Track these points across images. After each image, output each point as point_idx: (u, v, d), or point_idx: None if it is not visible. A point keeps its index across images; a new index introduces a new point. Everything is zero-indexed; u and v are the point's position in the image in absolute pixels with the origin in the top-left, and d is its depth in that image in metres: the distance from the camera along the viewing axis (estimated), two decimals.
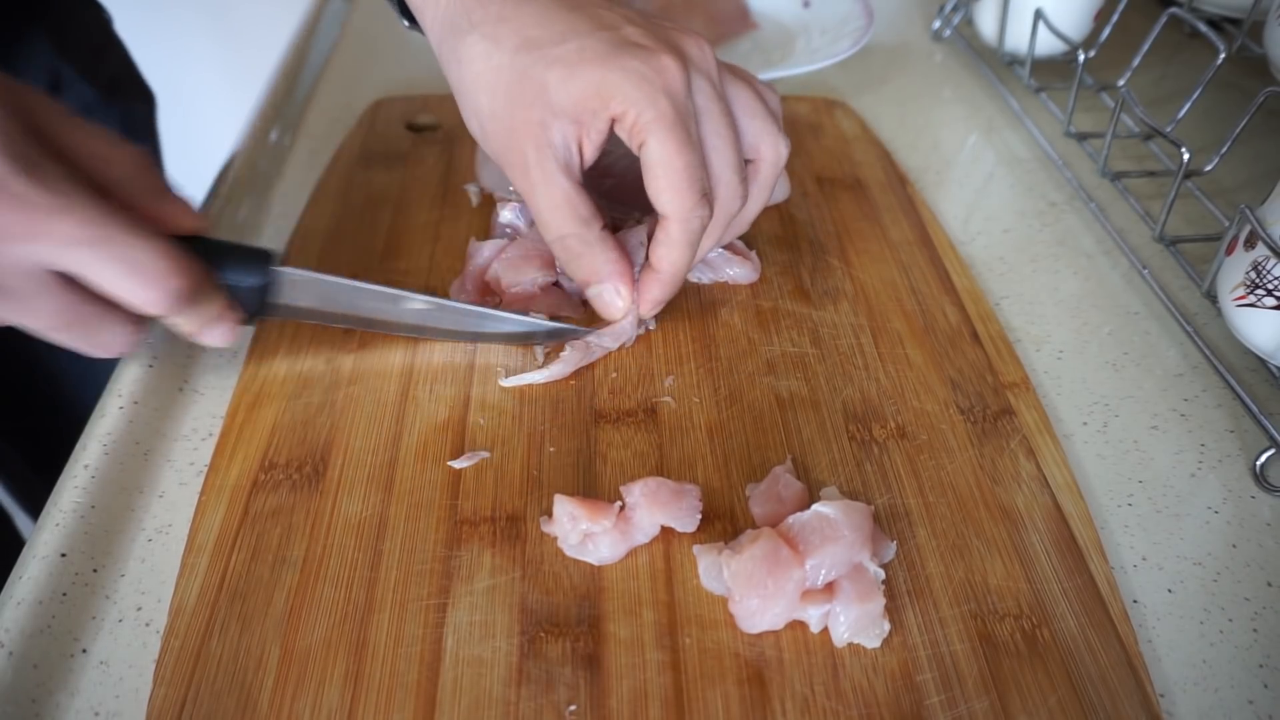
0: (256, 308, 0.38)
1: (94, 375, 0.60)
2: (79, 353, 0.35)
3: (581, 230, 0.40)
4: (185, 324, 0.36)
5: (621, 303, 0.41)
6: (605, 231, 0.41)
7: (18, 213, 0.30)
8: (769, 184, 0.43)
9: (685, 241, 0.39)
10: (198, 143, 0.92)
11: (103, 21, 0.69)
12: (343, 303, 0.40)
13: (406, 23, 0.45)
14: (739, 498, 0.37)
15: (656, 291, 0.41)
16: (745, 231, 0.45)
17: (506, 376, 0.41)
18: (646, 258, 0.41)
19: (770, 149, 0.42)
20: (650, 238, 0.41)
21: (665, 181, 0.37)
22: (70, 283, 0.32)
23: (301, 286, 0.39)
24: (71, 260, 0.31)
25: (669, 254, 0.40)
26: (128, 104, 0.70)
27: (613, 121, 0.37)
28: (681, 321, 0.45)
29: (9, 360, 0.66)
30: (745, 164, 0.41)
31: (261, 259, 0.38)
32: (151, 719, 0.30)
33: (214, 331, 0.37)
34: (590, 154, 0.39)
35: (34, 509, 0.73)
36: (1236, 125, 0.47)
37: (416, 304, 0.41)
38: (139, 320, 0.35)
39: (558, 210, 0.39)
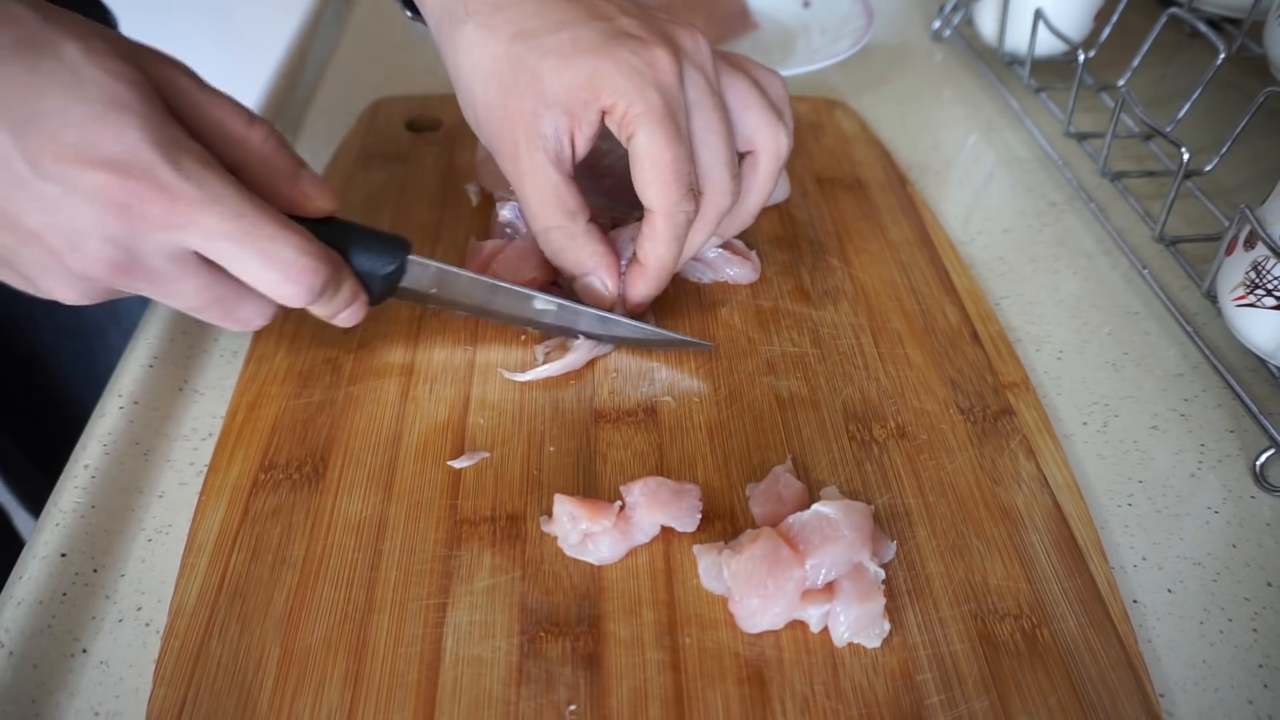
0: (384, 291, 0.39)
1: (95, 374, 0.60)
2: (79, 352, 0.35)
3: (567, 223, 0.40)
4: (318, 310, 0.36)
5: (607, 292, 0.41)
6: (592, 225, 0.41)
7: (164, 203, 0.30)
8: (768, 176, 0.42)
9: (670, 236, 0.39)
10: None
11: (108, 23, 0.69)
12: (464, 293, 0.40)
13: (409, 13, 0.45)
14: (739, 497, 0.37)
15: (642, 286, 0.41)
16: (746, 229, 0.45)
17: (513, 372, 0.41)
18: (634, 253, 0.41)
19: (769, 140, 0.41)
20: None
21: (651, 175, 0.37)
22: (211, 262, 0.33)
23: (429, 275, 0.39)
24: (214, 251, 0.32)
25: (654, 248, 0.40)
26: None
27: (604, 114, 0.37)
28: (681, 321, 0.45)
29: (9, 358, 0.66)
30: (742, 157, 0.41)
31: (394, 246, 0.38)
32: (151, 719, 0.30)
33: (344, 316, 0.37)
34: (582, 146, 0.39)
35: (35, 506, 0.73)
36: (1236, 125, 0.47)
37: (540, 304, 0.41)
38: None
39: (545, 202, 0.39)
